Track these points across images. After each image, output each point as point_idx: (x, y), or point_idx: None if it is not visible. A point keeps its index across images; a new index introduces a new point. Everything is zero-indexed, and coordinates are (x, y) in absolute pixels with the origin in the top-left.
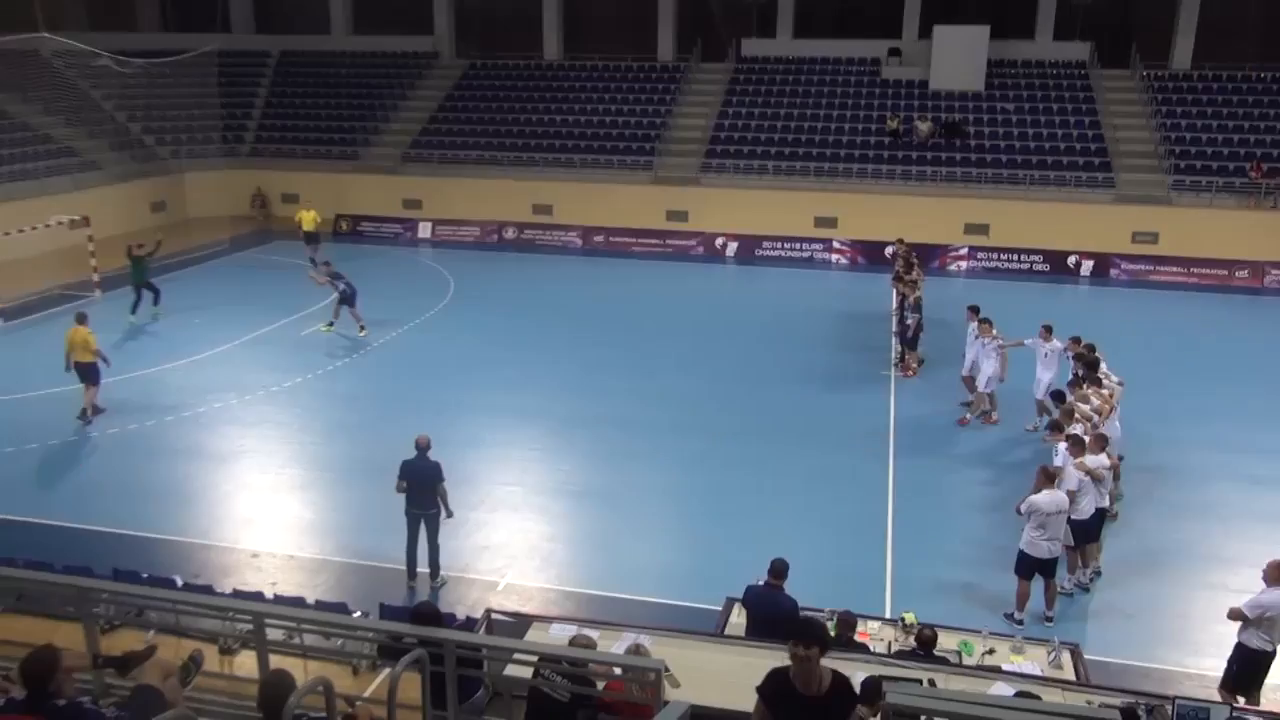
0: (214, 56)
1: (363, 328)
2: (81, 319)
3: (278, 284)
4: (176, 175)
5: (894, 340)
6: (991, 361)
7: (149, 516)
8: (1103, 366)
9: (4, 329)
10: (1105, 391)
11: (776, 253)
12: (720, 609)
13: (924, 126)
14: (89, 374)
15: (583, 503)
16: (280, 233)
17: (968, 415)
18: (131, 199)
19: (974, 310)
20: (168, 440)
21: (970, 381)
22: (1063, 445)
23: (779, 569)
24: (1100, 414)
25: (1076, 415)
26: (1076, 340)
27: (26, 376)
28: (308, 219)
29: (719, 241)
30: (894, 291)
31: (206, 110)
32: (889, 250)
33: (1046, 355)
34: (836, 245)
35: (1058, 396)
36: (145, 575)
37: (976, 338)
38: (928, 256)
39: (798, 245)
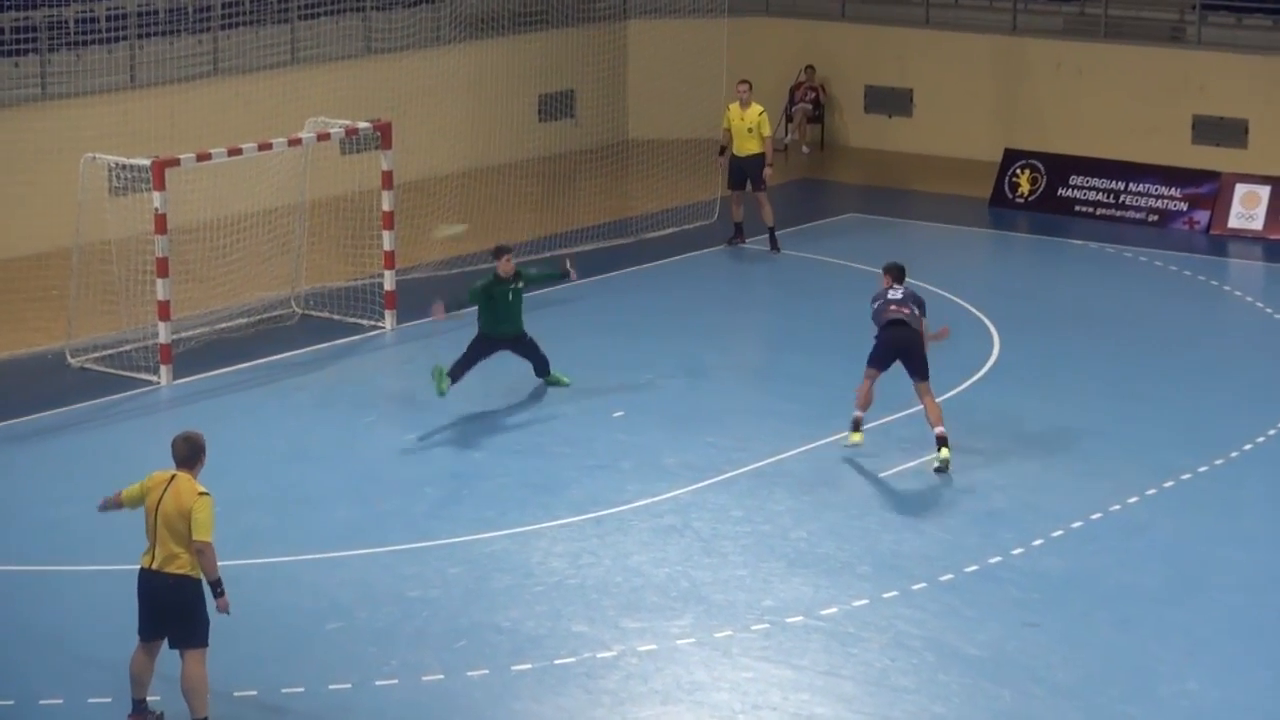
0: None
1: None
2: (188, 456)
3: (830, 328)
4: (613, 28)
5: None
6: None
7: None
8: None
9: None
10: None
11: None
12: None
13: None
14: (188, 599)
15: None
16: (853, 184)
17: None
18: (512, 86)
19: None
20: None
21: None
22: None
23: None
24: None
25: None
26: None
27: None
28: (743, 122)
29: None
30: None
31: None
32: None
33: None
34: None
35: None
36: None
37: None
38: None
39: None
